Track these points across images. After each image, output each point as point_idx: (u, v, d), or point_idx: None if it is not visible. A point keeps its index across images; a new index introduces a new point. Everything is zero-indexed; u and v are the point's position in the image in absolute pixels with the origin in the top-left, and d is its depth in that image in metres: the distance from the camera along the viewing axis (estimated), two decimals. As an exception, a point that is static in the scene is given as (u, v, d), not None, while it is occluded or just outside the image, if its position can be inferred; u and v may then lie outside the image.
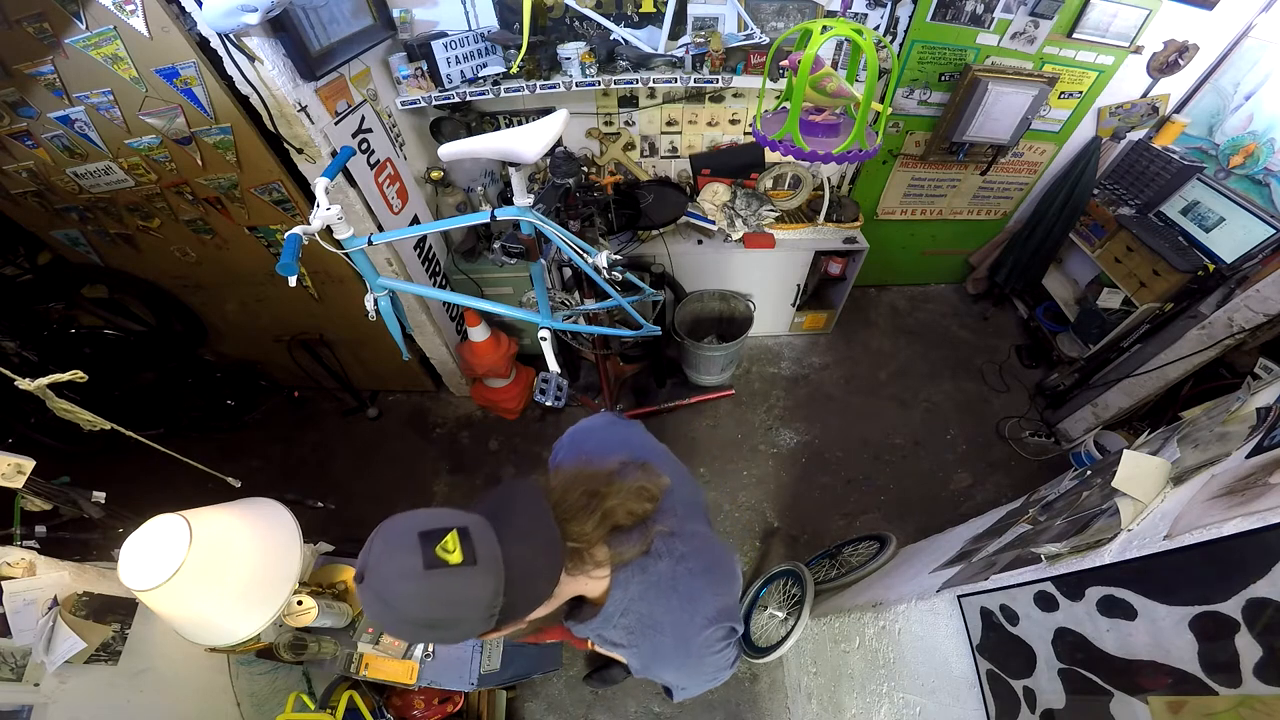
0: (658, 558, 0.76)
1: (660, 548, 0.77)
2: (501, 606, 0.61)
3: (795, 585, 1.95)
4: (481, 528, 0.62)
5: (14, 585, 1.07)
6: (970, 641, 1.07)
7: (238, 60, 1.50)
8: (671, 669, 0.83)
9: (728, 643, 0.79)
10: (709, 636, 0.77)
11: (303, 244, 1.32)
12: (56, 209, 2.07)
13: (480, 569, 0.60)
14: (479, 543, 0.60)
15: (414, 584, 0.58)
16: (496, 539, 0.62)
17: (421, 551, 0.58)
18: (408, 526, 0.61)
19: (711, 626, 0.77)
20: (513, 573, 0.61)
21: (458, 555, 0.58)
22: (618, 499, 0.75)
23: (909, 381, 3.13)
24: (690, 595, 0.77)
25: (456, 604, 0.60)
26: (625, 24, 2.10)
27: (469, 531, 0.61)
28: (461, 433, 2.90)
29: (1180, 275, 2.31)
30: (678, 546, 0.78)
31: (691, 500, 0.89)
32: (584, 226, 2.05)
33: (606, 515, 0.73)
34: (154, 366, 2.64)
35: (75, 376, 1.20)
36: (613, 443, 0.92)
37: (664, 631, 0.77)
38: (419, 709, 1.63)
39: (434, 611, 0.60)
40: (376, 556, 0.61)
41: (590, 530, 0.71)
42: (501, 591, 0.60)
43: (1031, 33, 2.34)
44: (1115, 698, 0.76)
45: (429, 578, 0.58)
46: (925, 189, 3.03)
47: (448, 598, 0.59)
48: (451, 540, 0.59)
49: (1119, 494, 0.88)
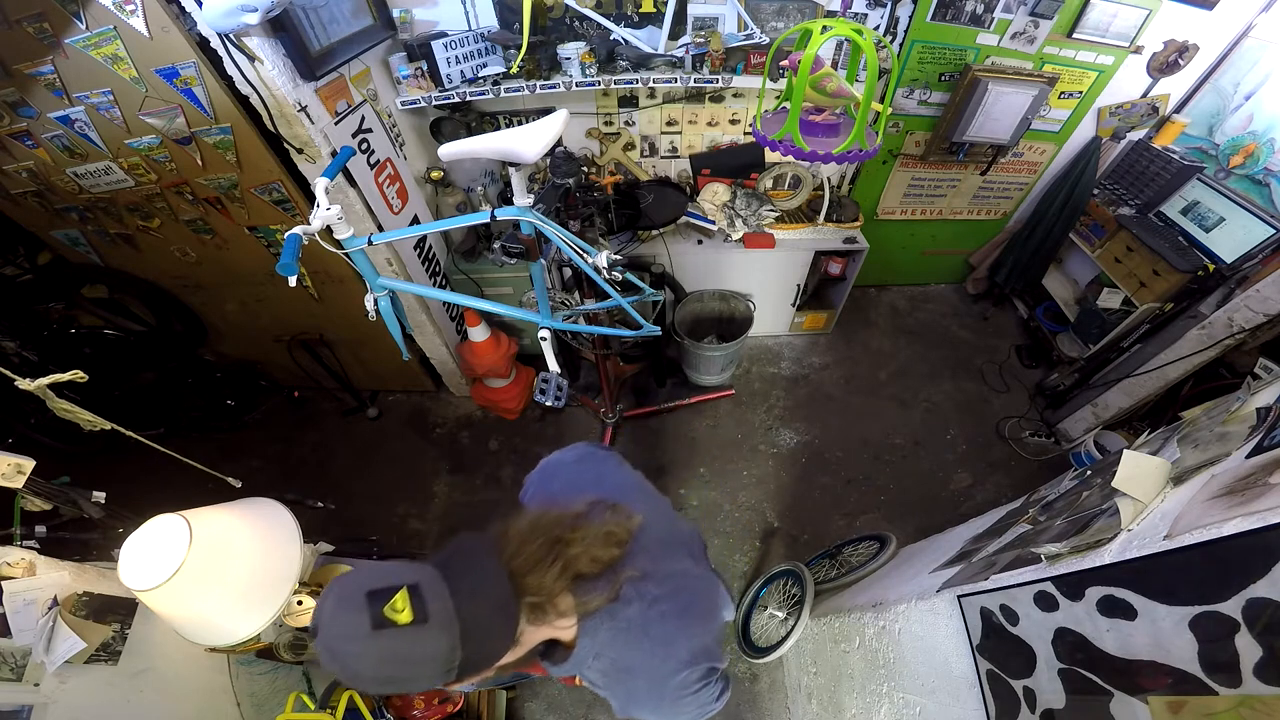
0: (627, 603, 0.74)
1: (629, 593, 0.74)
2: (460, 661, 0.60)
3: (795, 585, 1.95)
4: (434, 583, 0.61)
5: (14, 585, 1.07)
6: (970, 641, 1.07)
7: (238, 60, 1.50)
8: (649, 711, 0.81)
9: (706, 682, 0.78)
10: (685, 679, 0.75)
11: (303, 244, 1.32)
12: (56, 209, 2.07)
13: (432, 627, 0.58)
14: (430, 599, 0.59)
15: (362, 644, 0.58)
16: (449, 594, 0.60)
17: (369, 611, 0.57)
18: (356, 585, 0.60)
19: (687, 669, 0.75)
20: (468, 628, 0.60)
21: (407, 615, 0.58)
22: (581, 546, 0.72)
23: (909, 381, 3.13)
24: (663, 639, 0.75)
25: (409, 662, 0.59)
26: (625, 24, 2.11)
27: (420, 588, 0.59)
28: (461, 433, 2.90)
29: (1180, 275, 2.31)
30: (649, 590, 0.76)
31: (669, 537, 0.86)
32: (584, 226, 2.04)
33: (569, 565, 0.70)
34: (154, 366, 2.64)
35: (75, 376, 1.20)
36: (583, 480, 0.89)
37: (637, 676, 0.76)
38: (419, 709, 1.62)
39: (385, 670, 0.59)
40: (328, 615, 0.60)
41: (550, 583, 0.68)
42: (458, 646, 0.59)
43: (1031, 33, 2.34)
44: (1115, 698, 0.76)
45: (378, 638, 0.57)
46: (925, 189, 3.03)
47: (399, 656, 0.58)
48: (401, 599, 0.58)
49: (1119, 494, 0.88)
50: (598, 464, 0.94)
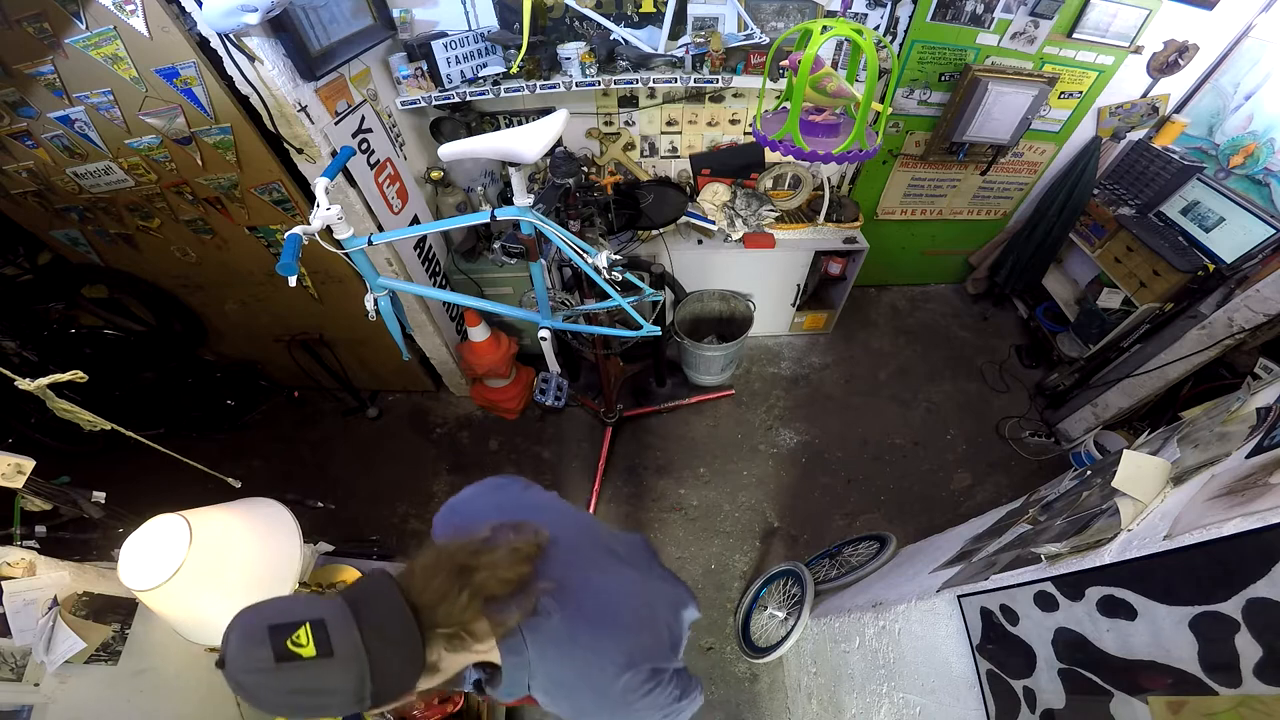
0: (547, 615, 0.74)
1: (547, 605, 0.74)
2: (373, 693, 0.61)
3: (795, 585, 1.95)
4: (341, 618, 0.61)
5: (14, 585, 1.07)
6: (970, 641, 1.07)
7: (238, 60, 1.50)
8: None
9: (656, 683, 0.77)
10: (628, 683, 0.75)
11: (303, 244, 1.32)
12: (56, 209, 2.07)
13: (338, 660, 0.59)
14: (336, 634, 0.60)
15: (265, 677, 0.58)
16: (357, 628, 0.61)
17: (271, 645, 0.58)
18: (260, 618, 0.61)
19: (627, 672, 0.75)
20: (376, 662, 0.61)
21: (310, 649, 0.58)
22: (488, 570, 0.72)
23: (909, 381, 3.13)
24: (592, 645, 0.75)
25: (318, 693, 0.59)
26: (625, 24, 2.10)
27: (325, 623, 0.60)
28: (461, 433, 2.90)
29: (1180, 275, 2.31)
30: (568, 599, 0.76)
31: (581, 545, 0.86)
32: (584, 226, 2.04)
33: (476, 591, 0.70)
34: (154, 366, 2.64)
35: (75, 376, 1.20)
36: (485, 509, 0.89)
37: (577, 687, 0.76)
38: (419, 709, 1.62)
39: (293, 700, 0.60)
40: (233, 648, 0.60)
41: (459, 613, 0.68)
42: (368, 678, 0.60)
43: (1031, 33, 2.34)
44: (1115, 698, 0.76)
45: (281, 671, 0.58)
46: (925, 189, 3.03)
47: (305, 689, 0.59)
48: (303, 634, 0.59)
49: (1119, 494, 0.88)
50: (498, 492, 0.94)
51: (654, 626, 0.83)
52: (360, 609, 0.63)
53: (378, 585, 0.68)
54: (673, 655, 0.83)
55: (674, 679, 0.81)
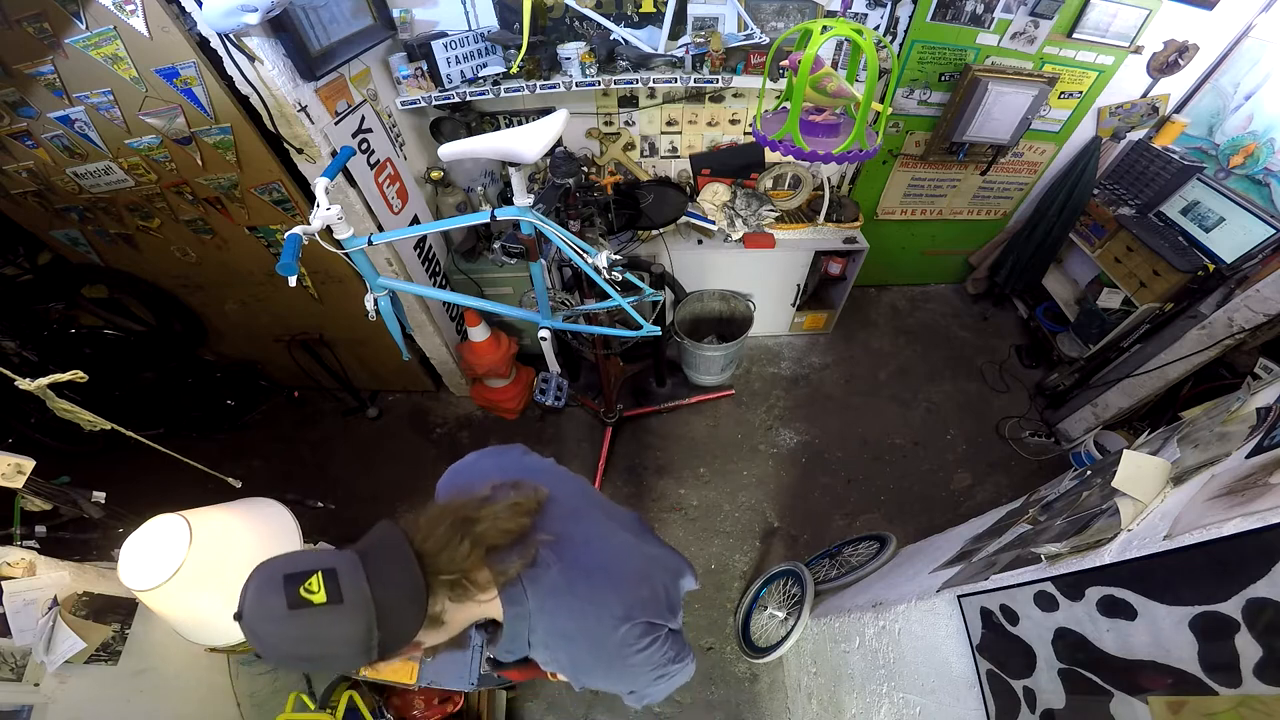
0: (546, 566, 0.76)
1: (546, 556, 0.77)
2: (379, 640, 0.63)
3: (795, 585, 1.95)
4: (350, 568, 0.64)
5: (14, 585, 1.07)
6: (970, 641, 1.07)
7: (238, 60, 1.50)
8: (600, 676, 0.83)
9: (652, 639, 0.79)
10: (625, 635, 0.76)
11: (303, 244, 1.32)
12: (56, 209, 2.07)
13: (347, 607, 0.62)
14: (346, 582, 0.62)
15: (280, 623, 0.61)
16: (366, 577, 0.64)
17: (285, 592, 0.61)
18: (276, 569, 0.64)
19: (624, 624, 0.76)
20: (383, 609, 0.63)
21: (321, 595, 0.61)
22: (489, 521, 0.75)
23: (909, 381, 3.13)
24: (590, 596, 0.77)
25: (326, 641, 0.62)
26: (625, 24, 2.10)
27: (337, 573, 0.63)
28: (461, 433, 2.90)
29: (1180, 275, 2.31)
30: (566, 551, 0.78)
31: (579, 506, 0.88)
32: (584, 226, 2.04)
33: (478, 540, 0.73)
34: (154, 366, 2.64)
35: (75, 376, 1.20)
36: (486, 470, 0.92)
37: (575, 639, 0.77)
38: (419, 709, 1.63)
39: (303, 648, 0.63)
40: (249, 598, 0.63)
41: (461, 560, 0.71)
42: (375, 627, 0.62)
43: (1031, 33, 2.34)
44: (1115, 698, 0.76)
45: (294, 618, 0.61)
46: (925, 189, 3.03)
47: (315, 635, 0.62)
48: (315, 581, 0.62)
49: (1119, 494, 0.88)
50: (499, 456, 0.98)
51: (650, 583, 0.84)
52: (369, 559, 0.66)
53: (384, 533, 0.71)
54: (670, 616, 0.84)
55: (669, 639, 0.82)
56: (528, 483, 0.85)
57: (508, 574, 0.74)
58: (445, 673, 1.42)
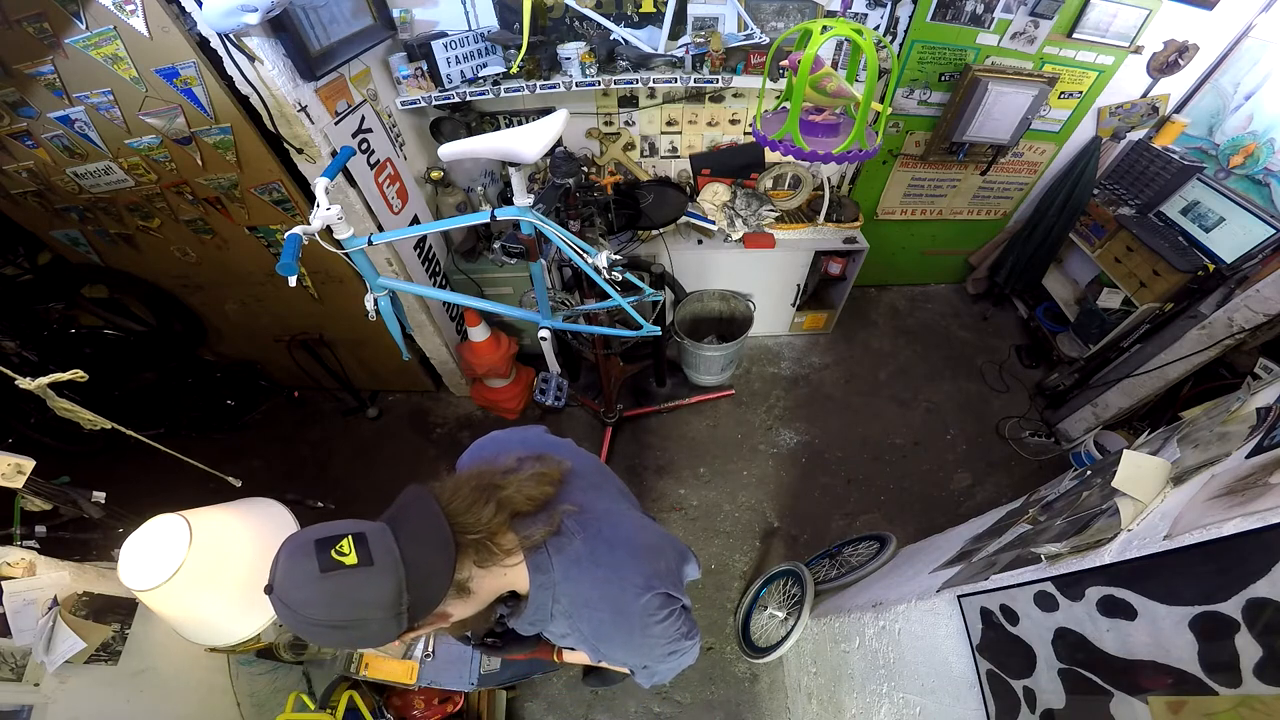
0: (570, 536, 0.77)
1: (570, 526, 0.78)
2: (409, 604, 0.63)
3: (795, 585, 1.95)
4: (379, 533, 0.65)
5: (14, 585, 1.07)
6: (970, 641, 1.07)
7: (238, 60, 1.50)
8: (620, 646, 0.83)
9: (670, 610, 0.80)
10: (646, 604, 0.77)
11: (303, 244, 1.32)
12: (56, 209, 2.07)
13: (378, 569, 0.62)
14: (375, 545, 0.63)
15: (313, 588, 0.62)
16: (395, 541, 0.65)
17: (317, 557, 0.62)
18: (307, 536, 0.65)
19: (646, 594, 0.77)
20: (413, 571, 0.64)
21: (352, 557, 0.62)
22: (514, 487, 0.77)
23: (909, 381, 3.13)
24: (614, 565, 0.78)
25: (358, 604, 0.62)
26: (625, 24, 2.10)
27: (366, 536, 0.64)
28: (461, 433, 2.90)
29: (1180, 275, 2.31)
30: (589, 522, 0.79)
31: (599, 482, 0.90)
32: (584, 226, 2.04)
33: (503, 504, 0.75)
34: (154, 366, 2.64)
35: (75, 376, 1.20)
36: (510, 443, 0.95)
37: (598, 606, 0.78)
38: (419, 709, 1.63)
39: (336, 613, 0.62)
40: (281, 567, 0.64)
41: (488, 519, 0.72)
42: (404, 589, 0.63)
43: (1031, 33, 2.34)
44: (1115, 698, 0.76)
45: (326, 579, 0.61)
46: (925, 189, 3.03)
47: (348, 598, 0.62)
48: (346, 544, 0.62)
49: (1119, 494, 0.88)
50: (523, 431, 1.01)
51: (665, 558, 0.86)
52: (397, 523, 0.67)
53: (413, 494, 0.72)
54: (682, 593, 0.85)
55: (683, 614, 0.84)
56: (551, 455, 0.87)
57: (532, 539, 0.75)
58: (445, 673, 1.42)
